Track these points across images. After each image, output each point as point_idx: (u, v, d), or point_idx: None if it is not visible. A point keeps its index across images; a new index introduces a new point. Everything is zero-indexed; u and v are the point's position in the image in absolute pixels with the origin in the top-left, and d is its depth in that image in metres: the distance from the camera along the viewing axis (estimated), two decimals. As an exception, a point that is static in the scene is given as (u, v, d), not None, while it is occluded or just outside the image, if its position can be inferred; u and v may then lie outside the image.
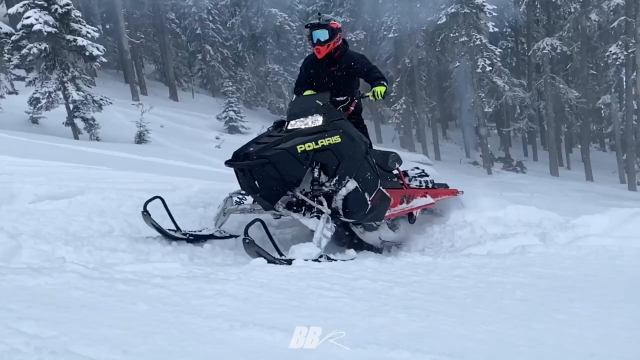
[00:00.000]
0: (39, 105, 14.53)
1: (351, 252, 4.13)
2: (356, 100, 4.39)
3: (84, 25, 15.17)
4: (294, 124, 3.85)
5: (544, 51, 24.08)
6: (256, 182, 3.52)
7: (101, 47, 15.31)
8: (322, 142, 3.67)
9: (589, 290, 2.79)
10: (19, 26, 14.43)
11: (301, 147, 3.58)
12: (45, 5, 14.42)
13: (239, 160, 3.58)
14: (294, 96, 4.52)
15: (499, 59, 24.60)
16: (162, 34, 28.96)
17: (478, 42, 23.68)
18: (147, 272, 2.14)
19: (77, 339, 1.36)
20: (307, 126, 3.79)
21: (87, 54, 14.66)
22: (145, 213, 3.68)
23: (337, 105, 4.22)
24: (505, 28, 29.93)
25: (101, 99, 15.27)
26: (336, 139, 3.72)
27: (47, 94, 14.49)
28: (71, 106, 14.70)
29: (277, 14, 29.74)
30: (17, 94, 15.85)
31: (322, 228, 3.54)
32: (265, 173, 3.49)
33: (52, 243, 2.99)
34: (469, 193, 5.56)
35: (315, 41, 4.41)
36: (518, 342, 1.93)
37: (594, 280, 3.04)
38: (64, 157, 7.72)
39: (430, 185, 5.15)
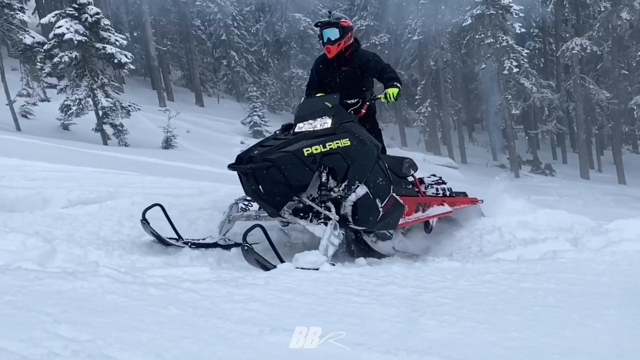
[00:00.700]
0: (70, 112, 14.95)
1: (360, 260, 3.96)
2: (368, 103, 4.20)
3: (113, 34, 15.56)
4: (301, 127, 3.71)
5: (573, 51, 23.56)
6: (260, 187, 3.38)
7: (129, 55, 15.68)
8: (330, 145, 3.52)
9: (624, 297, 2.70)
10: (51, 35, 14.90)
11: (308, 150, 3.43)
12: (76, 14, 14.85)
13: (243, 164, 3.45)
14: (303, 98, 4.37)
15: (526, 60, 24.17)
16: (188, 41, 29.45)
17: (504, 43, 23.33)
18: (177, 277, 2.17)
19: (112, 342, 1.39)
20: (315, 129, 3.65)
21: (115, 61, 15.03)
22: (144, 221, 3.58)
23: (347, 107, 4.08)
24: (532, 28, 29.44)
25: (129, 105, 15.62)
26: (345, 142, 3.59)
27: (78, 101, 14.90)
28: (100, 112, 15.07)
29: (300, 19, 29.92)
30: (49, 101, 16.33)
31: (329, 235, 3.38)
32: (269, 177, 3.35)
33: (84, 247, 3.08)
34: (495, 196, 5.44)
35: (325, 40, 4.27)
36: (551, 350, 1.89)
37: (629, 286, 2.94)
38: (93, 163, 7.91)
39: (447, 193, 4.93)
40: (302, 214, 3.58)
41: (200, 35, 30.86)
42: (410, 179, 4.63)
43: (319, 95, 4.20)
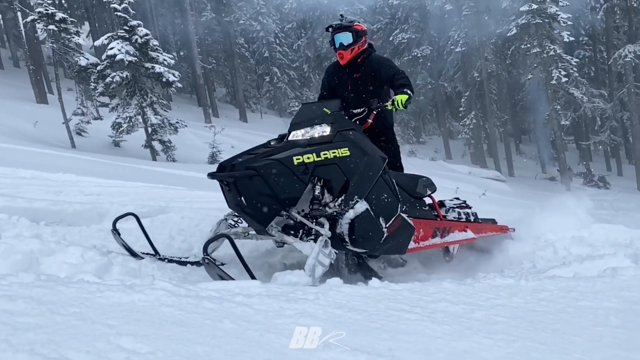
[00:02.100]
0: (121, 129, 15.59)
1: (375, 282, 3.55)
2: (375, 112, 3.75)
3: (161, 53, 16.18)
4: (296, 135, 3.34)
5: (626, 59, 22.64)
6: (243, 199, 3.00)
7: (176, 73, 16.25)
8: (325, 154, 3.12)
9: (696, 319, 2.53)
10: (103, 57, 15.63)
11: (298, 159, 3.05)
12: (127, 36, 15.54)
13: (225, 172, 3.09)
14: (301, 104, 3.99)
15: (575, 69, 23.42)
16: (232, 59, 30.24)
17: (552, 52, 22.70)
18: (230, 290, 2.20)
19: (172, 355, 1.42)
20: (311, 137, 3.28)
21: (163, 80, 15.60)
22: (115, 231, 3.35)
23: (352, 117, 3.71)
24: (581, 37, 28.53)
25: (177, 122, 16.13)
26: (344, 152, 3.19)
27: (128, 119, 15.53)
28: (149, 129, 15.63)
29: (342, 34, 30.10)
30: (101, 119, 17.07)
31: (317, 253, 2.94)
32: (253, 188, 2.96)
33: (139, 261, 3.18)
34: (551, 208, 5.23)
35: (337, 45, 3.97)
36: (619, 375, 1.78)
37: (700, 307, 2.75)
38: (144, 178, 8.19)
39: (472, 218, 4.50)
40: (293, 232, 3.14)
41: (243, 53, 31.64)
42: (429, 200, 4.26)
43: (319, 101, 3.87)
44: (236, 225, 3.52)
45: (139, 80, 15.68)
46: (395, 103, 3.65)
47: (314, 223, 3.09)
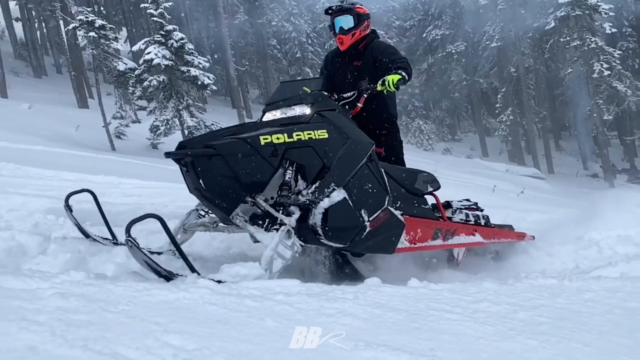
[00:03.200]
0: (158, 131, 15.98)
1: (414, 282, 3.10)
2: (365, 95, 3.38)
3: (196, 57, 16.50)
4: (271, 115, 3.03)
5: (673, 50, 21.65)
6: (202, 182, 2.67)
7: (211, 76, 16.53)
8: (298, 135, 2.79)
9: None
10: (141, 61, 16.06)
11: (266, 139, 2.71)
12: (163, 40, 15.91)
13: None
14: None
15: (618, 61, 22.54)
16: (264, 60, 30.53)
17: (593, 45, 21.95)
18: (270, 289, 2.23)
19: (217, 352, 1.45)
20: (286, 117, 2.98)
21: (199, 83, 15.90)
22: (67, 207, 3.04)
23: (341, 102, 3.41)
24: (624, 28, 27.43)
25: (212, 124, 16.40)
26: (321, 134, 2.87)
27: (165, 122, 15.91)
28: (186, 132, 15.96)
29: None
30: (139, 122, 17.53)
31: (277, 244, 2.63)
32: (212, 169, 2.64)
33: (180, 260, 3.22)
34: (598, 206, 5.02)
35: (337, 30, 3.64)
36: (674, 379, 1.71)
37: None
38: (182, 179, 8.36)
39: (482, 221, 4.11)
40: (261, 222, 2.80)
41: (276, 55, 31.89)
42: (434, 202, 3.91)
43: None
44: (206, 215, 3.16)
45: (175, 84, 16.03)
46: (386, 83, 3.31)
47: (282, 212, 2.74)
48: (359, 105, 3.39)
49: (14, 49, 26.81)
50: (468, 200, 4.37)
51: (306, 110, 2.98)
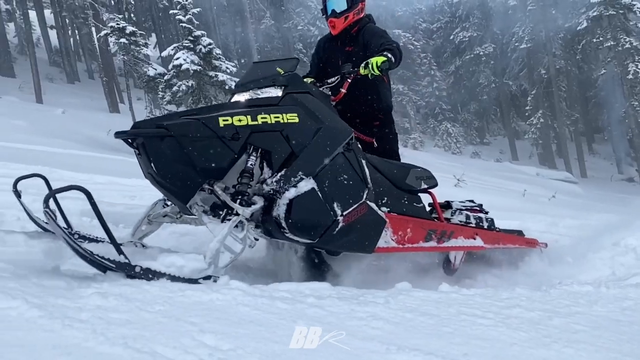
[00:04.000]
0: (188, 136, 16.23)
1: (445, 287, 2.86)
2: (349, 80, 3.13)
3: (224, 62, 16.72)
4: (239, 98, 2.78)
5: None
6: (153, 166, 2.43)
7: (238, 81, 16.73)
8: (264, 118, 2.55)
9: None
10: (170, 67, 16.36)
11: (226, 120, 2.48)
12: (192, 46, 16.18)
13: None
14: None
15: (654, 61, 21.85)
16: (291, 64, 30.66)
17: (627, 45, 21.35)
18: (300, 292, 2.25)
19: (251, 352, 1.47)
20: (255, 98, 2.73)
21: (226, 87, 16.10)
22: (15, 191, 2.74)
23: (322, 87, 3.18)
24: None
25: (240, 127, 16.57)
26: (291, 118, 2.63)
27: (194, 125, 16.15)
28: (214, 135, 16.17)
29: (400, 35, 29.88)
30: (170, 126, 17.83)
31: (225, 236, 2.40)
32: (164, 152, 2.39)
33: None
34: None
35: (329, 13, 3.43)
36: None
37: None
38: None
39: (485, 224, 3.80)
40: (221, 212, 2.55)
41: (302, 58, 32.00)
42: (432, 202, 3.62)
43: (310, 80, 3.32)
44: (171, 205, 2.90)
45: (203, 89, 16.28)
46: (370, 66, 3.05)
47: (240, 201, 2.50)
48: (342, 90, 3.12)
49: (49, 56, 27.67)
50: (472, 201, 4.04)
51: (278, 92, 2.72)
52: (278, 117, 2.60)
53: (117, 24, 16.00)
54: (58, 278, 2.06)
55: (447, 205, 3.80)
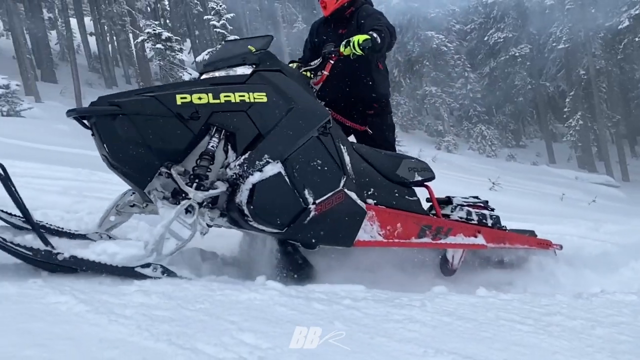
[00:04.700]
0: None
1: (483, 291, 2.80)
2: (331, 61, 2.94)
3: (257, 65, 16.92)
4: (207, 77, 2.61)
5: None
6: (105, 147, 2.28)
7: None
8: (228, 96, 2.37)
9: None
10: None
11: (184, 98, 2.30)
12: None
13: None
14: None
15: (701, 61, 20.93)
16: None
17: (672, 44, 20.50)
18: (336, 293, 2.25)
19: (290, 352, 1.49)
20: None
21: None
22: None
23: (303, 69, 3.02)
24: None
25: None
26: (259, 97, 2.45)
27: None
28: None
29: (433, 37, 29.56)
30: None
31: (171, 221, 2.22)
32: (117, 132, 2.23)
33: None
34: None
35: None
36: None
37: None
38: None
39: (489, 222, 3.55)
40: (181, 197, 2.37)
41: (333, 61, 32.06)
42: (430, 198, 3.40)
43: (296, 65, 3.13)
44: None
45: (237, 92, 16.51)
46: (351, 44, 2.87)
47: (197, 185, 2.33)
48: (325, 72, 2.94)
49: (88, 62, 28.63)
50: (476, 197, 3.77)
51: (246, 70, 2.54)
52: (243, 96, 2.42)
53: (154, 30, 16.42)
54: (102, 276, 2.12)
55: (448, 200, 3.60)
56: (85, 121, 2.35)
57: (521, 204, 10.33)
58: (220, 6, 17.12)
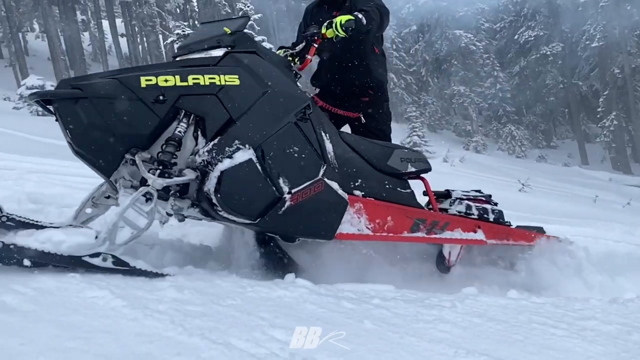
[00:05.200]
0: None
1: (514, 293, 2.72)
2: (315, 45, 2.79)
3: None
4: (178, 60, 2.48)
5: None
6: (68, 132, 2.16)
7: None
8: (196, 79, 2.25)
9: None
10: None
11: (149, 80, 2.19)
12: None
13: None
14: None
15: None
16: (350, 67, 30.77)
17: None
18: (365, 293, 2.26)
19: (320, 349, 1.50)
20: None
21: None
22: None
23: (286, 53, 2.85)
24: None
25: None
26: (231, 79, 2.31)
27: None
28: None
29: (461, 36, 29.21)
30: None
31: (125, 209, 2.09)
32: (79, 117, 2.13)
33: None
34: None
35: None
36: None
37: None
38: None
39: (491, 216, 3.36)
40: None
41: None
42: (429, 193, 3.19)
43: (281, 52, 2.96)
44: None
45: (264, 92, 16.66)
46: (333, 25, 2.71)
47: (160, 172, 2.19)
48: (309, 57, 2.80)
49: (119, 62, 29.30)
50: (479, 191, 3.58)
51: (220, 53, 2.41)
52: (214, 79, 2.28)
53: (183, 31, 16.70)
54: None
55: (447, 194, 3.42)
56: (50, 106, 2.22)
57: (552, 206, 10.11)
58: (248, 7, 17.28)
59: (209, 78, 2.28)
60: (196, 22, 31.45)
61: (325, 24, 2.77)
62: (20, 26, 28.34)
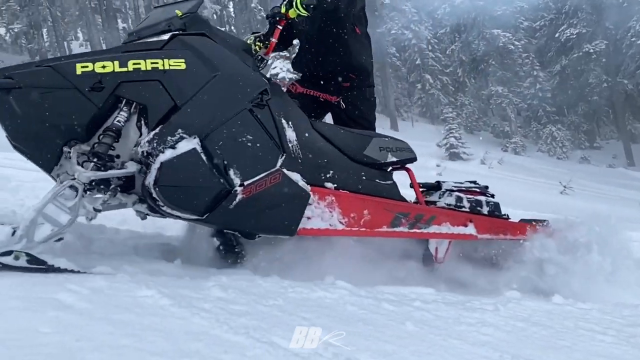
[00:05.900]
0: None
1: (558, 299, 2.61)
2: (279, 27, 2.68)
3: (318, 69, 17.16)
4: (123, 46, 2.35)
5: None
6: (1, 124, 2.06)
7: (333, 87, 17.06)
8: (137, 64, 2.09)
9: None
10: (267, 75, 17.10)
11: (85, 67, 2.04)
12: (287, 55, 16.80)
13: None
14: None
15: None
16: (383, 69, 30.59)
17: None
18: (405, 295, 2.25)
19: (362, 350, 1.51)
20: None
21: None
22: None
23: (253, 38, 2.73)
24: None
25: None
26: (176, 64, 2.15)
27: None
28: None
29: (499, 35, 28.62)
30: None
31: (44, 204, 1.95)
32: (13, 108, 2.01)
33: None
34: None
35: None
36: None
37: None
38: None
39: (485, 209, 3.15)
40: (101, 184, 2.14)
41: (394, 62, 31.82)
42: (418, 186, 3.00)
43: (252, 39, 2.81)
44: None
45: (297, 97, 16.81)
46: (293, 4, 2.57)
47: (95, 165, 2.05)
48: (273, 40, 2.68)
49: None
50: (474, 182, 3.35)
51: (167, 37, 2.26)
52: (156, 63, 2.12)
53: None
54: (180, 271, 2.24)
55: (437, 186, 3.22)
56: None
57: (595, 209, 9.76)
58: (283, 11, 17.49)
59: (152, 63, 2.12)
60: (232, 28, 32.01)
61: (285, 2, 2.63)
62: (65, 35, 29.54)
